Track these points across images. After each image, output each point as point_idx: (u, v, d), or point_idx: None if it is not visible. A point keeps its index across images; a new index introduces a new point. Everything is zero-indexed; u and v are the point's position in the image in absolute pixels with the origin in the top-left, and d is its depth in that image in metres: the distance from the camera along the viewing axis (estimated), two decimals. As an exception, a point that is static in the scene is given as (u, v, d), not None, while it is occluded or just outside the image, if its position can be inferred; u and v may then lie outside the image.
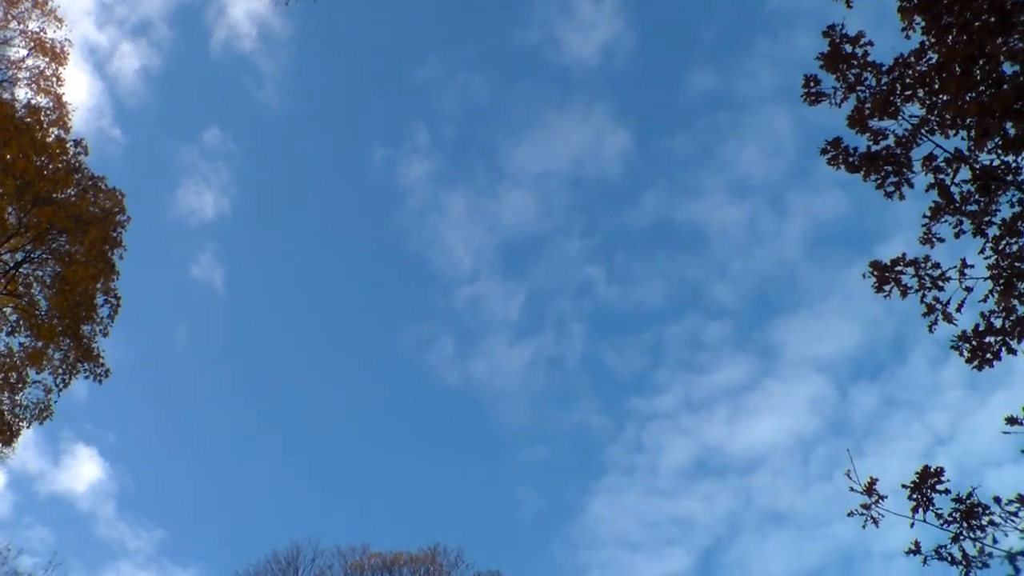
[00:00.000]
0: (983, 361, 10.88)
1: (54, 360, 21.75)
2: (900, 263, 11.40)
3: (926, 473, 11.46)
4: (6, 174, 18.86)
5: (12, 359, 21.63)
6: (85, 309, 21.05)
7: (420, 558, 51.24)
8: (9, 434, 21.84)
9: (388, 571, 50.86)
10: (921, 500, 11.47)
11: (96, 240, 20.52)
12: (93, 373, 21.77)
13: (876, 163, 11.64)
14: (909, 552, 11.46)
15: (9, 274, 20.72)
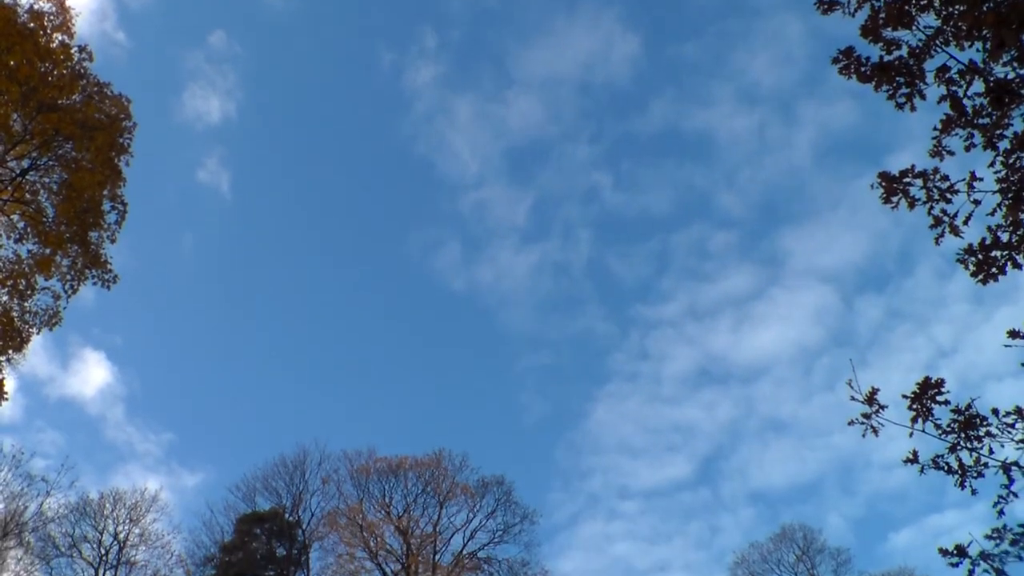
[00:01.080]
0: (988, 275, 10.91)
1: (62, 267, 21.87)
2: (909, 175, 11.34)
3: (926, 384, 11.59)
4: (10, 80, 18.71)
5: (20, 266, 21.72)
6: (92, 216, 21.08)
7: (425, 462, 52.00)
8: (19, 340, 22.02)
9: (393, 475, 51.70)
10: (921, 410, 11.62)
11: (102, 147, 20.45)
12: (101, 279, 21.90)
13: (888, 74, 11.52)
14: (907, 461, 11.67)
15: (16, 181, 20.70)
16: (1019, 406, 11.34)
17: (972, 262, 10.94)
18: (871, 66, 11.64)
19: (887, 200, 11.41)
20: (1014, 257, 10.74)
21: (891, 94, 11.49)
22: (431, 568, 48.94)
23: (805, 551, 56.07)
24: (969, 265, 10.97)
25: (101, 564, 46.38)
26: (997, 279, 10.90)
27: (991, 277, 10.90)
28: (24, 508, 43.28)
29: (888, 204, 11.42)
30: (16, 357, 22.36)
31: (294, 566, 50.53)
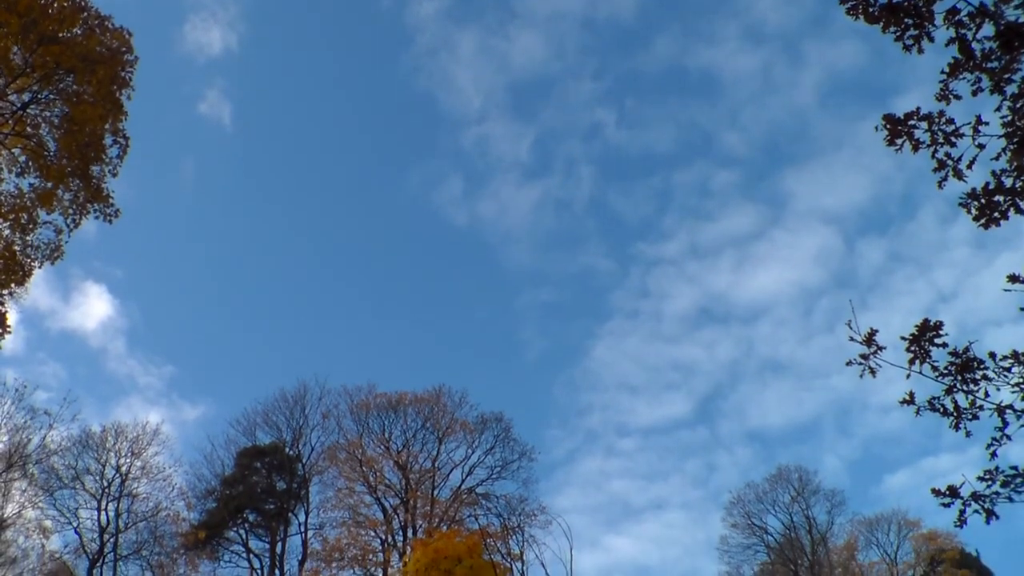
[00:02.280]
0: (990, 220, 10.92)
1: (64, 201, 21.84)
2: (914, 117, 11.28)
3: (925, 326, 11.67)
4: (10, 12, 18.52)
5: (22, 200, 21.71)
6: (94, 150, 21.00)
7: (425, 398, 52.34)
8: (21, 274, 22.07)
9: (393, 411, 52.08)
10: (919, 352, 11.70)
11: (104, 80, 20.31)
12: (103, 214, 21.88)
13: (897, 14, 11.40)
14: (903, 402, 11.79)
15: (16, 115, 20.60)
16: (1016, 350, 11.41)
17: (975, 206, 10.94)
18: (879, 6, 11.52)
19: (891, 142, 11.38)
20: (1017, 202, 10.75)
21: (899, 35, 11.38)
22: (430, 503, 49.49)
23: (800, 492, 56.86)
24: (972, 209, 10.98)
25: (103, 496, 46.97)
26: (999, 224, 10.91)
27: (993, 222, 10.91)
28: (28, 441, 43.77)
29: (892, 147, 11.39)
30: (18, 291, 22.45)
31: (294, 499, 51.13)
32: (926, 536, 59.24)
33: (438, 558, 39.50)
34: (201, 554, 48.88)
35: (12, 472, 43.06)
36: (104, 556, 45.88)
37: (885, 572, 58.97)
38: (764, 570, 57.44)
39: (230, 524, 49.94)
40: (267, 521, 50.48)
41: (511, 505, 47.23)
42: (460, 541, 40.35)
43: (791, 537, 55.90)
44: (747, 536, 57.83)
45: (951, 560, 54.59)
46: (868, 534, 59.91)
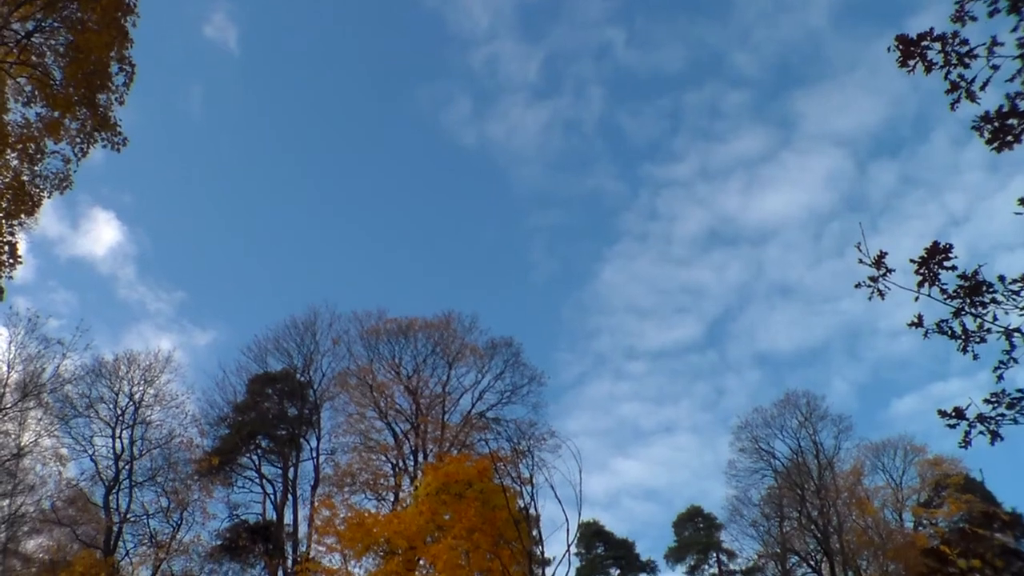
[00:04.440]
0: (1003, 144, 10.85)
1: (71, 130, 21.76)
2: (927, 38, 11.15)
3: (934, 249, 11.68)
4: (11, -61, 18.35)
5: (29, 130, 21.65)
6: (100, 78, 20.87)
7: (435, 324, 52.55)
8: (31, 204, 22.09)
9: (403, 336, 52.33)
10: (928, 275, 11.73)
11: (108, 7, 20.14)
12: (111, 142, 21.81)
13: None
14: (912, 325, 11.84)
15: (21, 44, 20.45)
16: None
17: (988, 130, 10.87)
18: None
19: (903, 64, 11.27)
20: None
21: (913, -44, 11.23)
22: (440, 428, 49.97)
23: (808, 417, 57.22)
24: (984, 133, 10.90)
25: (117, 424, 47.46)
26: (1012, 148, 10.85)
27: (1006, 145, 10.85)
28: (42, 370, 44.16)
29: (904, 68, 11.29)
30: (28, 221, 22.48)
31: (306, 425, 51.63)
32: (931, 462, 59.78)
33: (449, 482, 40.02)
34: (215, 480, 49.54)
35: (28, 401, 43.56)
36: (120, 483, 46.56)
37: (890, 497, 59.62)
38: (771, 494, 58.06)
39: (243, 450, 50.54)
40: (279, 447, 51.07)
41: (521, 429, 47.71)
42: (470, 465, 40.82)
43: (798, 462, 56.40)
44: (754, 460, 58.45)
45: (955, 485, 55.12)
46: (874, 459, 60.56)
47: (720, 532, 72.05)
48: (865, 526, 56.00)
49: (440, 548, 38.44)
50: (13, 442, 43.42)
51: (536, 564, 34.19)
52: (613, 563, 74.89)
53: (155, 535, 47.54)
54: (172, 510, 47.68)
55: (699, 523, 76.43)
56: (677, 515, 78.76)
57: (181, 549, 48.05)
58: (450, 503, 39.85)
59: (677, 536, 76.92)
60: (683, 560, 75.08)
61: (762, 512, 58.26)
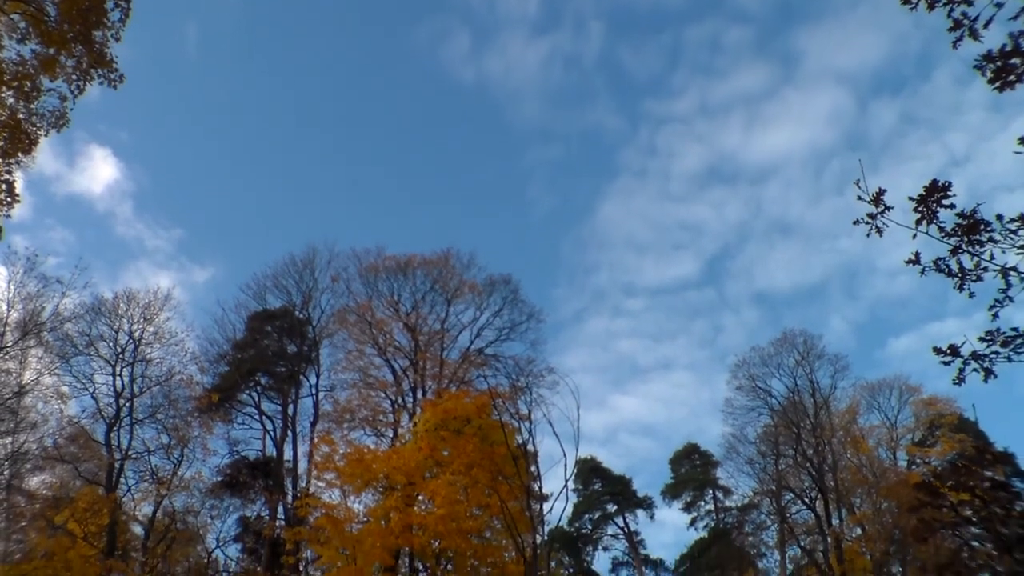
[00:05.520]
0: (1005, 83, 10.78)
1: (67, 67, 21.56)
2: (930, -27, 11.08)
3: (933, 187, 11.68)
4: None
5: (25, 67, 21.45)
6: (95, 14, 20.64)
7: (433, 261, 52.54)
8: (28, 143, 21.98)
9: (402, 273, 52.34)
10: (926, 213, 11.74)
11: (102, -58, 19.94)
12: (107, 79, 21.62)
13: None
14: (909, 262, 11.87)
15: (15, -22, 20.24)
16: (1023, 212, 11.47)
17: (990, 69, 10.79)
18: None
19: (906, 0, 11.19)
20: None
21: None
22: (439, 364, 50.18)
23: (805, 356, 57.43)
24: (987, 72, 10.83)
25: (118, 362, 47.62)
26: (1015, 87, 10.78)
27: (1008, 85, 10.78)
28: (41, 309, 44.17)
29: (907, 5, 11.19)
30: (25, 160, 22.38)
31: (305, 362, 51.85)
32: (926, 401, 60.20)
33: (447, 418, 40.38)
34: (215, 416, 49.86)
35: (28, 340, 43.63)
36: (120, 420, 46.84)
37: (885, 436, 60.09)
38: (767, 432, 58.48)
39: (242, 387, 50.78)
40: (279, 384, 51.32)
41: (519, 366, 47.91)
42: (469, 402, 41.16)
43: (794, 400, 56.71)
44: (751, 399, 58.79)
45: (949, 425, 55.58)
46: (870, 399, 60.94)
47: (716, 469, 72.85)
48: (859, 464, 56.56)
49: (439, 483, 38.90)
50: (14, 380, 43.61)
51: (534, 499, 34.64)
52: (610, 499, 75.79)
53: (156, 471, 48.05)
54: (173, 447, 48.12)
55: (696, 460, 77.22)
56: (674, 452, 79.67)
57: (182, 485, 48.57)
58: (449, 439, 40.25)
59: (674, 473, 77.79)
60: (679, 496, 75.99)
61: (758, 450, 58.80)
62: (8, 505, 45.94)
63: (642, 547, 74.82)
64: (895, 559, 52.90)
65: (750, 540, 65.29)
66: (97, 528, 45.52)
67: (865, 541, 53.89)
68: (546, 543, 37.71)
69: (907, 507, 44.65)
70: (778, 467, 57.30)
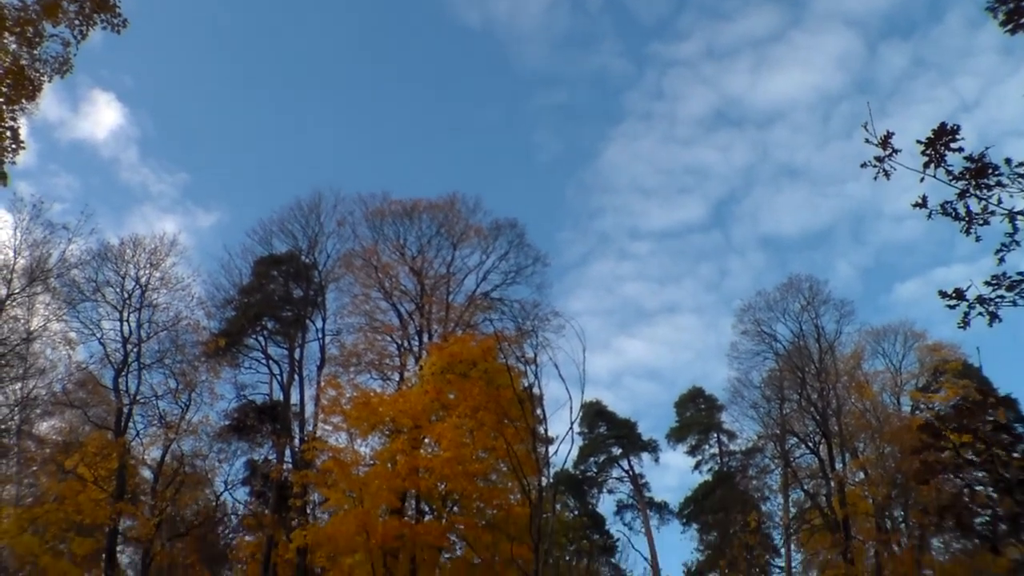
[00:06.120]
0: (1018, 26, 10.69)
1: (69, 13, 21.36)
2: (941, -85, 10.90)
3: (942, 130, 11.62)
4: None
5: (27, 13, 21.25)
6: (96, -42, 20.48)
7: (439, 205, 52.40)
8: (31, 89, 21.86)
9: (408, 217, 52.24)
10: (934, 156, 11.70)
11: None
12: (110, 24, 21.44)
13: None
14: (916, 205, 11.84)
15: (15, -80, 20.00)
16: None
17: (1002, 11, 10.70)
18: None
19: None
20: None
21: None
22: (445, 308, 50.24)
23: (810, 301, 57.35)
24: (999, 14, 10.74)
25: (124, 307, 47.66)
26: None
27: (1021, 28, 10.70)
28: (48, 255, 44.18)
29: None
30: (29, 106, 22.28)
31: (311, 306, 51.90)
32: (931, 347, 60.19)
33: (453, 361, 40.56)
34: (222, 361, 50.02)
35: (35, 287, 43.72)
36: (128, 365, 47.01)
37: (889, 381, 60.18)
38: (772, 376, 58.57)
39: (249, 332, 50.87)
40: (285, 328, 51.41)
41: (525, 309, 47.98)
42: (475, 345, 41.32)
43: (799, 345, 56.72)
44: (756, 343, 58.80)
45: (953, 371, 55.61)
46: (875, 344, 60.94)
47: (721, 413, 73.08)
48: (863, 409, 56.74)
49: (445, 427, 39.21)
50: (22, 327, 43.77)
51: (539, 442, 34.91)
52: (615, 442, 76.11)
53: (164, 416, 48.37)
54: (180, 391, 48.39)
55: (700, 404, 77.42)
56: (679, 396, 79.80)
57: (190, 429, 48.97)
58: (455, 382, 40.48)
59: (678, 416, 78.01)
60: (684, 440, 76.27)
61: (763, 394, 58.97)
62: (19, 450, 46.40)
63: (647, 490, 75.27)
64: (897, 503, 53.34)
65: (754, 484, 65.77)
66: (107, 472, 45.92)
67: (868, 485, 54.26)
68: (551, 485, 38.04)
69: (910, 449, 44.91)
70: (782, 411, 57.54)
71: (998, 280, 12.02)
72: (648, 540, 70.85)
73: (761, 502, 62.72)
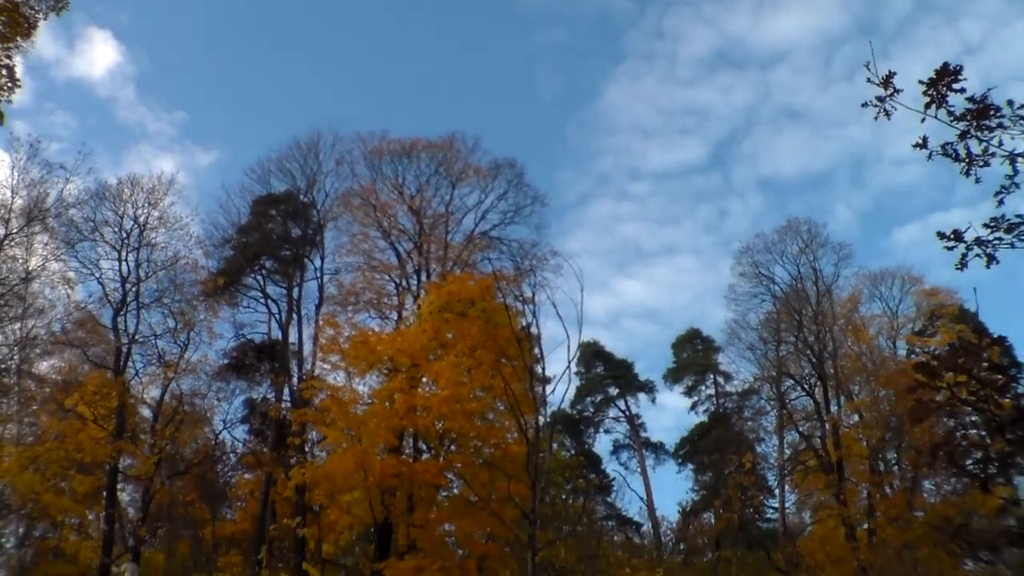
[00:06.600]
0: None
1: (63, -54, 21.18)
2: None
3: (944, 71, 11.57)
4: None
5: (21, -55, 21.08)
6: None
7: (438, 144, 52.13)
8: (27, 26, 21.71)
9: (406, 156, 52.00)
10: (936, 97, 11.65)
11: None
12: (104, -42, 21.24)
13: None
14: (916, 146, 11.82)
15: None
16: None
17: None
18: None
19: None
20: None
21: None
22: (443, 247, 50.17)
23: (808, 244, 57.28)
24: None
25: (123, 246, 47.56)
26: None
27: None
28: (45, 195, 43.97)
29: None
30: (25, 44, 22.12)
31: (309, 245, 51.82)
32: (928, 292, 60.22)
33: (451, 300, 40.61)
34: (220, 300, 50.11)
35: (33, 226, 43.54)
36: (127, 304, 47.05)
37: (885, 325, 60.32)
38: (769, 318, 58.69)
39: (247, 271, 50.78)
40: (283, 267, 51.35)
41: (523, 249, 47.93)
42: (473, 284, 41.33)
43: (797, 288, 56.76)
44: (754, 285, 58.82)
45: (950, 316, 55.69)
46: (872, 288, 60.93)
47: (718, 355, 73.40)
48: (859, 353, 57.00)
49: (443, 365, 39.38)
50: (21, 267, 43.66)
51: (537, 382, 35.06)
52: (612, 382, 76.65)
53: (163, 355, 48.61)
54: (179, 330, 48.56)
55: (697, 345, 77.80)
56: (676, 337, 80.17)
57: (189, 368, 49.26)
58: (453, 321, 40.58)
59: (676, 357, 78.45)
60: (681, 381, 76.80)
61: (760, 336, 59.15)
62: (19, 389, 46.62)
63: (643, 430, 75.96)
64: (890, 446, 53.81)
65: (749, 425, 66.19)
66: (106, 411, 46.24)
67: (862, 428, 54.69)
68: (548, 425, 38.30)
69: (905, 388, 45.23)
70: (779, 354, 57.77)
71: (996, 222, 12.03)
72: (644, 480, 71.73)
73: (756, 443, 63.17)
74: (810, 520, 58.26)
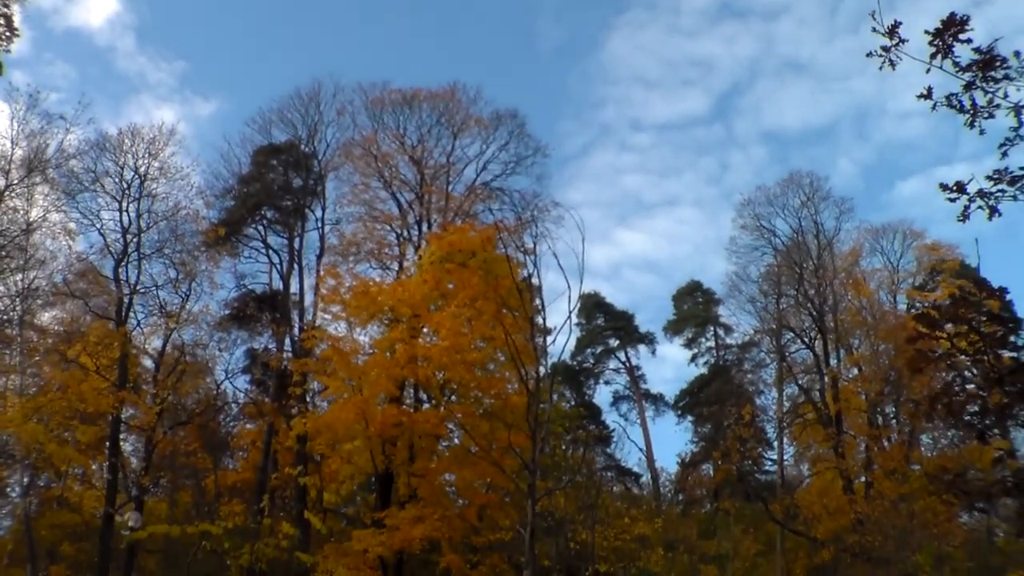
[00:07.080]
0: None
1: None
2: None
3: (951, 21, 11.45)
4: None
5: None
6: None
7: (440, 94, 51.80)
8: (24, -31, 21.46)
9: (408, 106, 51.68)
10: (941, 47, 11.55)
11: None
12: (102, -98, 21.00)
13: None
14: (921, 96, 11.73)
15: None
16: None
17: None
18: None
19: None
20: None
21: None
22: (444, 198, 49.99)
23: (810, 197, 57.23)
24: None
25: (124, 197, 47.38)
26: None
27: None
28: (45, 146, 43.71)
29: None
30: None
31: (310, 196, 51.71)
32: (929, 247, 60.19)
33: (452, 251, 40.63)
34: (221, 250, 50.00)
35: (33, 177, 43.35)
36: (128, 255, 46.95)
37: (886, 279, 60.32)
38: (770, 271, 58.70)
39: (248, 221, 50.71)
40: (285, 217, 51.27)
41: (525, 200, 47.69)
42: (474, 235, 41.32)
43: (798, 241, 56.75)
44: (755, 238, 58.80)
45: (951, 271, 55.71)
46: (873, 242, 60.84)
47: (718, 307, 73.56)
48: (860, 307, 57.11)
49: (443, 316, 39.49)
50: (22, 218, 43.51)
51: (538, 332, 35.14)
52: (612, 334, 76.87)
53: (165, 306, 48.62)
54: (180, 281, 48.52)
55: (698, 297, 77.95)
56: (677, 289, 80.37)
57: (190, 319, 49.30)
58: (454, 272, 40.63)
59: (676, 309, 78.64)
60: (681, 333, 77.05)
61: (760, 289, 59.18)
62: (22, 340, 46.75)
63: (643, 382, 76.32)
64: (889, 400, 54.09)
65: (749, 377, 66.53)
66: (108, 361, 46.41)
67: (861, 381, 54.96)
68: (549, 376, 38.41)
69: (905, 339, 45.35)
70: (779, 306, 57.85)
71: (1000, 175, 11.98)
72: (643, 431, 72.22)
73: (755, 396, 63.56)
74: (808, 472, 58.77)
